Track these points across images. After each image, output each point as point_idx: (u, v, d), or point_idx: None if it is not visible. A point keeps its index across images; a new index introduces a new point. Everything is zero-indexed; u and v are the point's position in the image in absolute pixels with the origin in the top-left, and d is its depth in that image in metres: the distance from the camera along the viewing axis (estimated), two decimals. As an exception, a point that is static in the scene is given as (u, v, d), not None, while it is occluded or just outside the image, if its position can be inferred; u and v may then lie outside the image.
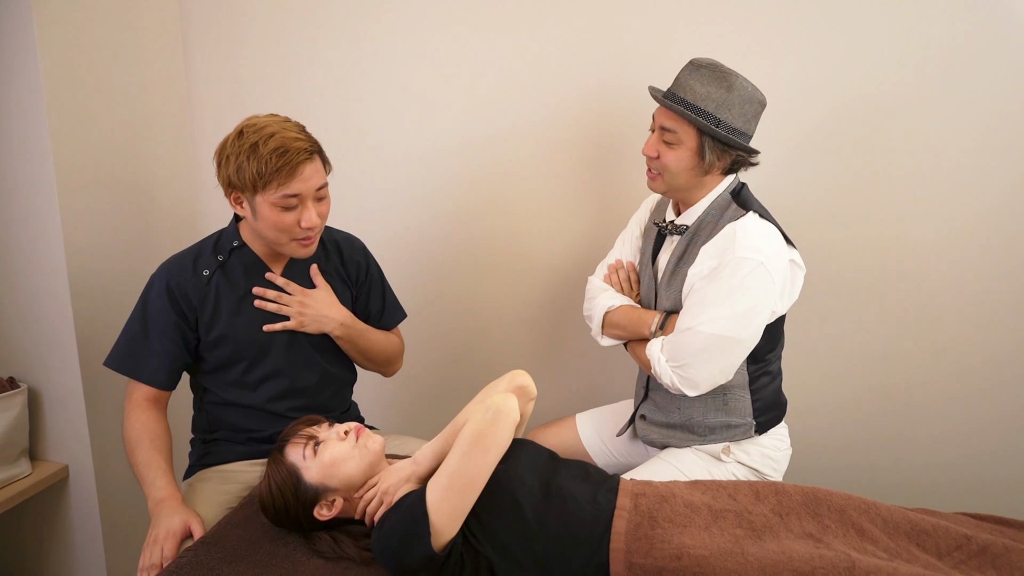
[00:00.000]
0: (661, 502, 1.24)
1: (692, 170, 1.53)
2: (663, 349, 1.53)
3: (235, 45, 2.19)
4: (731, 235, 1.48)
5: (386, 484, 1.31)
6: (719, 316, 1.45)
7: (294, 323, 1.59)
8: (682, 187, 1.56)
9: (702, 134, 1.49)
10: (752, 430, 1.61)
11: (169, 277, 1.56)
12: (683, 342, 1.49)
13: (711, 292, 1.47)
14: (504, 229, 2.15)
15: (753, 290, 1.45)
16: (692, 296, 1.51)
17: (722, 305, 1.45)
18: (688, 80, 1.49)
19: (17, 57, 1.77)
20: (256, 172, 1.41)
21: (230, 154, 1.45)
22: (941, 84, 1.78)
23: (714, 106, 1.47)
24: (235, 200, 1.50)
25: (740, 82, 1.47)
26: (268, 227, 1.48)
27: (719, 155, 1.51)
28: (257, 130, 1.44)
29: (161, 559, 1.35)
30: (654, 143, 1.55)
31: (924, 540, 1.21)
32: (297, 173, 1.43)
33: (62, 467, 2.01)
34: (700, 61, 1.50)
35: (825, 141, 1.87)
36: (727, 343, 1.46)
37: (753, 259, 1.44)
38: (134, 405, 1.56)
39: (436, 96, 2.08)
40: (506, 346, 2.24)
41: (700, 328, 1.46)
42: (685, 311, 1.52)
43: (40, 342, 1.94)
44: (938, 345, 1.93)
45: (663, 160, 1.53)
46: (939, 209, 1.85)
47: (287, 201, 1.45)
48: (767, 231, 1.49)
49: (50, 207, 1.84)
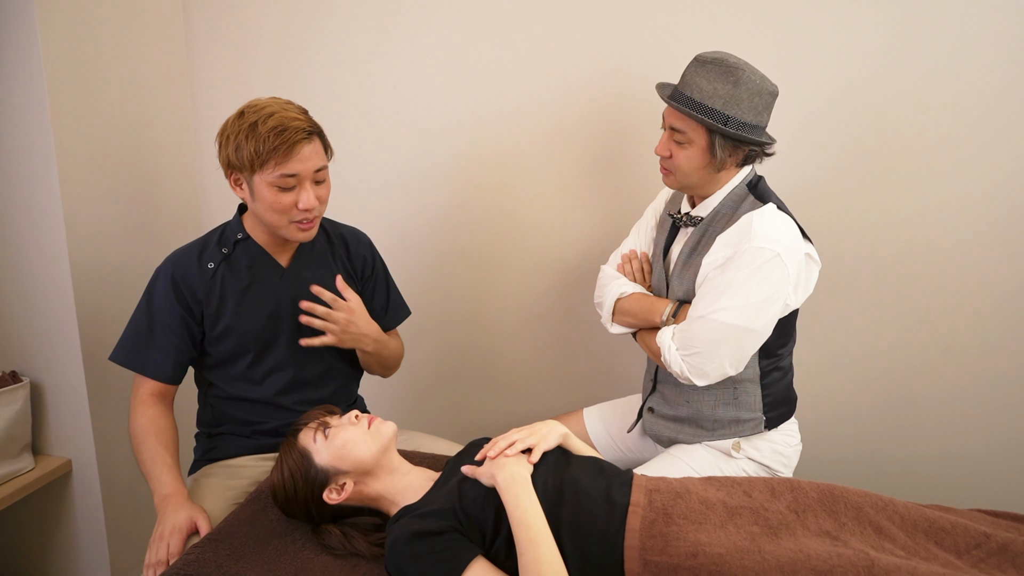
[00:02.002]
0: (676, 498, 1.22)
1: (704, 168, 1.51)
2: (674, 337, 1.51)
3: (239, 35, 2.17)
4: (747, 224, 1.46)
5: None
6: (732, 305, 1.43)
7: (332, 339, 1.57)
8: (696, 184, 1.55)
9: (711, 132, 1.46)
10: (762, 425, 1.59)
11: (174, 270, 1.55)
12: (695, 330, 1.47)
13: (725, 281, 1.44)
14: (511, 222, 2.13)
15: (768, 280, 1.43)
16: (706, 284, 1.49)
17: (736, 294, 1.43)
18: (694, 77, 1.46)
19: (19, 47, 1.75)
20: (254, 151, 1.41)
21: (230, 134, 1.45)
22: (956, 79, 1.76)
23: (721, 103, 1.44)
24: (235, 182, 1.49)
25: (747, 75, 1.44)
26: (266, 208, 1.47)
27: (731, 151, 1.49)
28: (257, 110, 1.44)
29: (167, 555, 1.34)
30: (665, 142, 1.53)
31: (942, 538, 1.20)
32: (294, 152, 1.42)
33: (65, 462, 1.99)
34: (705, 56, 1.47)
35: (838, 135, 1.85)
36: (740, 333, 1.44)
37: (770, 249, 1.42)
38: (140, 400, 1.54)
39: (443, 85, 2.06)
40: (512, 340, 2.23)
41: (713, 316, 1.44)
42: (698, 299, 1.49)
43: (43, 336, 1.93)
44: (948, 338, 1.91)
45: (675, 159, 1.52)
46: (951, 204, 1.83)
47: (284, 181, 1.43)
48: (784, 222, 1.47)
49: (53, 200, 1.82)
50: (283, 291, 1.60)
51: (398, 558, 1.17)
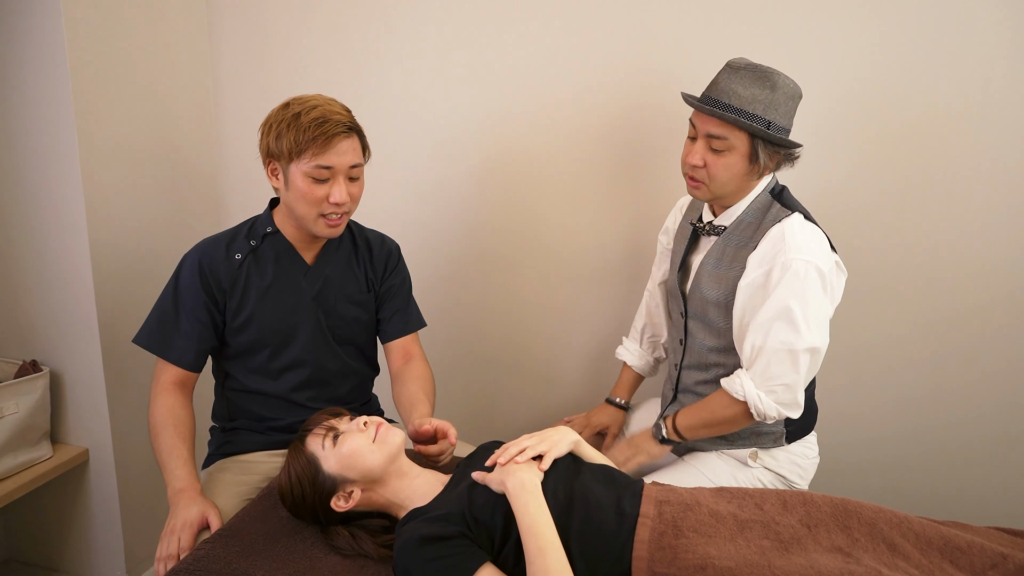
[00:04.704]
0: (686, 511, 1.21)
1: (744, 175, 1.48)
2: (758, 386, 1.44)
3: (261, 30, 2.18)
4: (779, 238, 1.43)
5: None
6: (793, 328, 1.39)
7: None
8: (730, 193, 1.51)
9: (754, 138, 1.44)
10: (783, 439, 1.57)
11: (202, 257, 1.57)
12: (769, 365, 1.42)
13: (776, 308, 1.40)
14: (533, 224, 2.12)
15: (813, 292, 1.39)
16: (759, 314, 1.43)
17: (789, 314, 1.39)
18: (729, 84, 1.44)
19: (43, 35, 1.76)
20: (294, 140, 1.44)
21: (273, 123, 1.48)
22: (979, 87, 1.73)
23: (762, 108, 1.42)
24: (272, 172, 1.52)
25: (782, 80, 1.43)
26: (298, 199, 1.49)
27: (770, 156, 1.46)
28: (302, 102, 1.48)
29: (178, 549, 1.35)
30: (701, 151, 1.48)
31: (958, 557, 1.17)
32: (332, 144, 1.45)
33: (82, 451, 2.02)
34: (737, 63, 1.45)
35: (861, 144, 1.83)
36: (808, 353, 1.40)
37: (808, 261, 1.39)
38: (161, 388, 1.55)
39: (464, 86, 2.06)
40: (527, 344, 2.22)
41: (779, 347, 1.39)
42: (755, 329, 1.43)
43: (63, 326, 1.95)
44: (967, 352, 1.88)
45: (711, 169, 1.47)
46: (976, 214, 1.80)
47: (319, 172, 1.46)
48: (814, 233, 1.44)
49: (75, 192, 1.84)
50: (305, 288, 1.61)
51: (406, 561, 1.17)
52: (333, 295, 1.63)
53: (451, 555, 1.15)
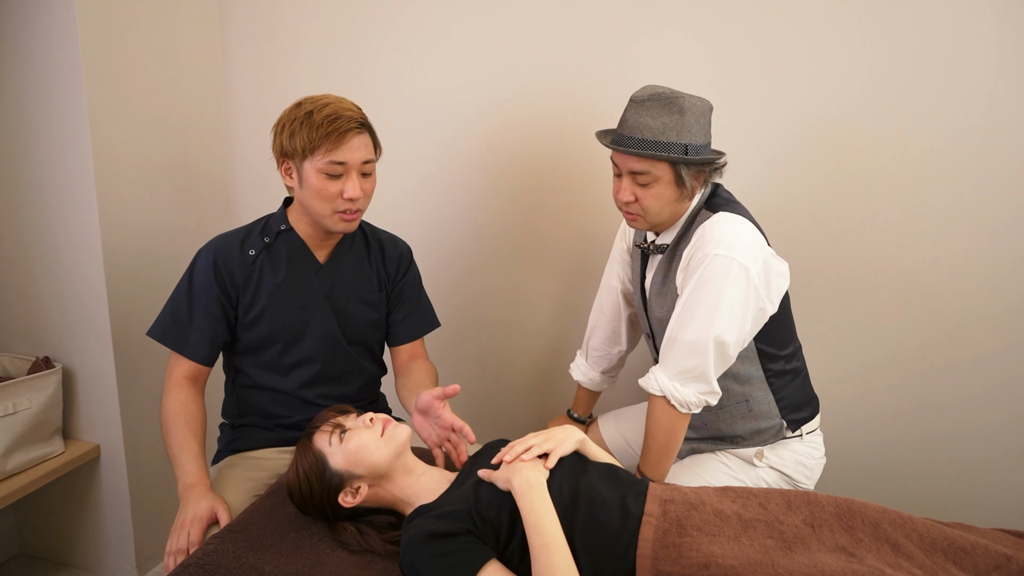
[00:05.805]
0: (690, 510, 1.22)
1: (676, 201, 1.49)
2: (669, 377, 1.46)
3: (272, 30, 2.20)
4: (698, 237, 1.45)
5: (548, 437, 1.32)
6: (701, 320, 1.41)
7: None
8: (667, 219, 1.53)
9: (675, 165, 1.44)
10: (785, 429, 1.58)
11: (216, 252, 1.59)
12: (678, 356, 1.44)
13: (689, 300, 1.43)
14: (537, 225, 2.13)
15: (728, 286, 1.40)
16: (676, 306, 1.47)
17: (699, 307, 1.41)
18: (638, 118, 1.43)
19: (57, 36, 1.78)
20: (307, 137, 1.47)
21: (286, 122, 1.51)
22: (985, 90, 1.72)
23: (675, 134, 1.41)
24: (286, 171, 1.54)
25: (688, 100, 1.42)
26: (313, 195, 1.51)
27: (695, 176, 1.47)
28: (314, 101, 1.51)
29: (187, 544, 1.36)
30: (628, 187, 1.49)
31: (961, 558, 1.17)
32: (345, 140, 1.47)
33: (94, 446, 2.04)
34: (640, 95, 1.45)
35: (850, 142, 1.82)
36: (716, 346, 1.42)
37: (722, 255, 1.40)
38: (174, 382, 1.57)
39: (471, 87, 2.07)
40: (534, 344, 2.23)
41: (687, 337, 1.42)
42: (669, 324, 1.48)
43: (75, 323, 1.97)
44: (973, 352, 1.88)
45: (643, 202, 1.48)
46: (977, 210, 1.80)
47: (333, 168, 1.48)
48: (739, 227, 1.44)
49: (87, 189, 1.86)
50: (317, 286, 1.62)
51: (413, 558, 1.18)
52: (344, 294, 1.65)
53: (457, 551, 1.16)
